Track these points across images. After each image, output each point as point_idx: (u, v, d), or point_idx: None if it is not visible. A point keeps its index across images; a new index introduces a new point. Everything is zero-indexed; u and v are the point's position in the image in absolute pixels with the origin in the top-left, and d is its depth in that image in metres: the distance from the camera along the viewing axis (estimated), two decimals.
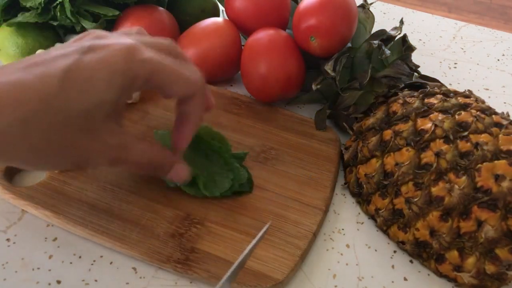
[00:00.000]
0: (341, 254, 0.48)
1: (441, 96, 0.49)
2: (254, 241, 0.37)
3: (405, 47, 0.57)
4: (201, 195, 0.48)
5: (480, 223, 0.42)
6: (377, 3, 0.85)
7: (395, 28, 0.59)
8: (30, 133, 0.32)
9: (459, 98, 0.48)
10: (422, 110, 0.47)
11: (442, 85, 0.53)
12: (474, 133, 0.44)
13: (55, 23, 0.58)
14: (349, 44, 0.59)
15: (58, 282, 0.43)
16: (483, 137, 0.43)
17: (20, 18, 0.57)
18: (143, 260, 0.44)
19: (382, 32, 0.57)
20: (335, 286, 0.45)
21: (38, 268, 0.43)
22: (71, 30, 0.61)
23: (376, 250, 0.48)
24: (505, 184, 0.41)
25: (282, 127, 0.58)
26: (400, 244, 0.47)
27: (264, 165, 0.53)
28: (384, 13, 0.84)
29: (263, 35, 0.59)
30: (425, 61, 0.74)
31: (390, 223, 0.48)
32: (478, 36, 0.80)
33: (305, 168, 0.53)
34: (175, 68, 0.38)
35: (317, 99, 0.62)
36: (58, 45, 0.36)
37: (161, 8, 0.64)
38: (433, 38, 0.79)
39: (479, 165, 0.42)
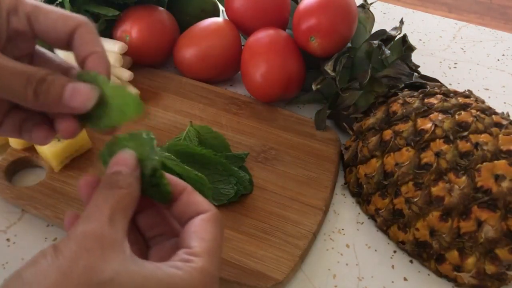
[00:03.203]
0: (341, 254, 0.48)
1: (441, 96, 0.49)
2: None
3: (405, 47, 0.57)
4: None
5: (480, 223, 0.42)
6: (377, 3, 0.85)
7: (395, 28, 0.59)
8: None
9: (459, 98, 0.48)
10: (422, 110, 0.47)
11: (442, 85, 0.53)
12: (474, 133, 0.44)
13: None
14: (349, 44, 0.59)
15: None
16: (483, 137, 0.43)
17: None
18: None
19: (382, 32, 0.57)
20: (335, 286, 0.45)
21: None
22: None
23: (376, 250, 0.48)
24: (505, 184, 0.41)
25: (282, 127, 0.58)
26: (400, 244, 0.47)
27: (264, 165, 0.53)
28: (384, 13, 0.84)
29: (263, 35, 0.59)
30: (425, 61, 0.74)
31: (390, 223, 0.48)
32: (478, 36, 0.80)
33: (305, 168, 0.53)
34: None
35: (317, 99, 0.62)
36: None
37: (161, 8, 0.64)
38: (433, 38, 0.79)
39: (479, 165, 0.42)
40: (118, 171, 0.31)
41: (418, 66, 0.58)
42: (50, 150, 0.49)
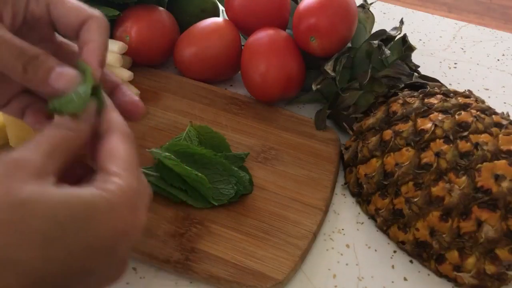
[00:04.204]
0: (341, 254, 0.48)
1: (441, 96, 0.49)
2: None
3: (405, 47, 0.57)
4: (209, 205, 0.48)
5: (480, 223, 0.42)
6: (377, 3, 0.85)
7: (395, 28, 0.59)
8: None
9: (459, 98, 0.48)
10: (422, 110, 0.47)
11: (442, 85, 0.53)
12: (474, 133, 0.44)
13: None
14: (349, 44, 0.59)
15: None
16: (483, 137, 0.43)
17: None
18: (143, 260, 0.44)
19: (382, 32, 0.57)
20: (335, 286, 0.45)
21: None
22: None
23: (376, 250, 0.48)
24: (505, 184, 0.41)
25: (282, 127, 0.58)
26: (400, 244, 0.47)
27: (264, 165, 0.53)
28: (384, 13, 0.84)
29: (263, 35, 0.59)
30: (425, 61, 0.74)
31: (390, 223, 0.48)
32: (478, 36, 0.80)
33: (305, 168, 0.53)
34: None
35: (317, 99, 0.62)
36: None
37: (161, 8, 0.64)
38: (433, 38, 0.79)
39: (479, 165, 0.42)
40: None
41: (418, 66, 0.58)
42: None
